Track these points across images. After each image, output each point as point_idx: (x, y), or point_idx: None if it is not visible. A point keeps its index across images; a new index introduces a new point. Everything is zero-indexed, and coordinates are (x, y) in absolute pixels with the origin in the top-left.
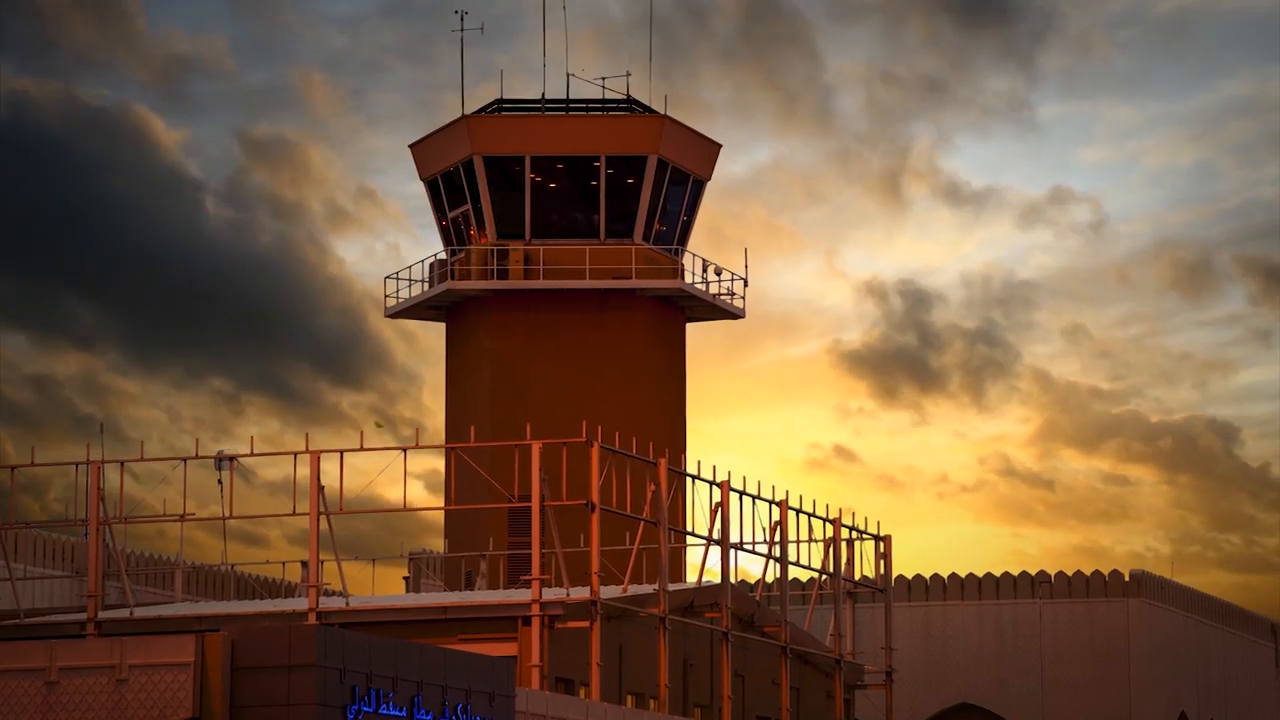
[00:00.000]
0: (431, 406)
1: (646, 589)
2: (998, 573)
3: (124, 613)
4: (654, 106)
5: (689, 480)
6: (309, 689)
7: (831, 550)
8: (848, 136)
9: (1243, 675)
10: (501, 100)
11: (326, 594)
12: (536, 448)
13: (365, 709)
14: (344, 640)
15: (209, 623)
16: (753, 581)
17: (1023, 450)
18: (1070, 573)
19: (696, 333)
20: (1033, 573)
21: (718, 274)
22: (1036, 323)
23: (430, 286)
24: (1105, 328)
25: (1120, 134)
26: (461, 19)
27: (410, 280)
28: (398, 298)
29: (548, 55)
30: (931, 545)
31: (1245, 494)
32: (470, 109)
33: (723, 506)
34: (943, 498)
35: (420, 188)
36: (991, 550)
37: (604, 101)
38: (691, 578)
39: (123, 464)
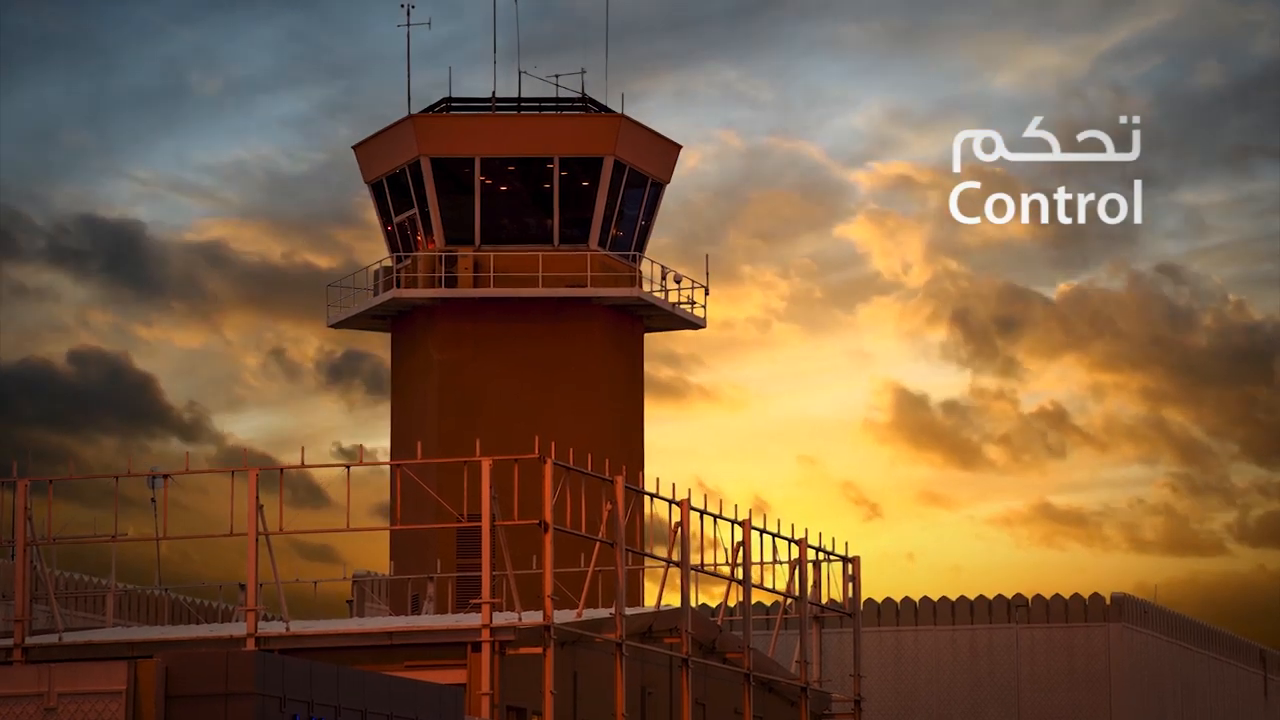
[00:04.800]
0: None
1: (602, 613)
2: (972, 596)
3: (53, 638)
4: (610, 105)
5: (647, 499)
6: (247, 718)
7: (797, 572)
8: None
9: (1230, 704)
10: (450, 99)
11: (265, 618)
12: (487, 464)
13: None
14: (284, 667)
15: (142, 649)
16: (714, 605)
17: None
18: (1048, 595)
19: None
20: (1009, 595)
21: (677, 281)
22: None
23: (375, 295)
24: None
25: None
26: (408, 12)
27: (354, 288)
28: (340, 307)
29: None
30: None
31: None
32: (417, 108)
33: (683, 526)
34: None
35: None
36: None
37: (558, 100)
38: (650, 601)
39: (51, 481)
